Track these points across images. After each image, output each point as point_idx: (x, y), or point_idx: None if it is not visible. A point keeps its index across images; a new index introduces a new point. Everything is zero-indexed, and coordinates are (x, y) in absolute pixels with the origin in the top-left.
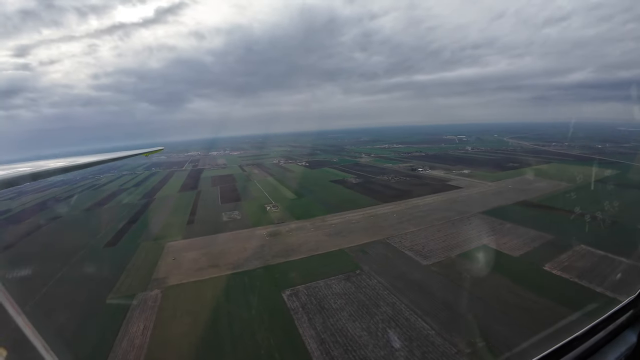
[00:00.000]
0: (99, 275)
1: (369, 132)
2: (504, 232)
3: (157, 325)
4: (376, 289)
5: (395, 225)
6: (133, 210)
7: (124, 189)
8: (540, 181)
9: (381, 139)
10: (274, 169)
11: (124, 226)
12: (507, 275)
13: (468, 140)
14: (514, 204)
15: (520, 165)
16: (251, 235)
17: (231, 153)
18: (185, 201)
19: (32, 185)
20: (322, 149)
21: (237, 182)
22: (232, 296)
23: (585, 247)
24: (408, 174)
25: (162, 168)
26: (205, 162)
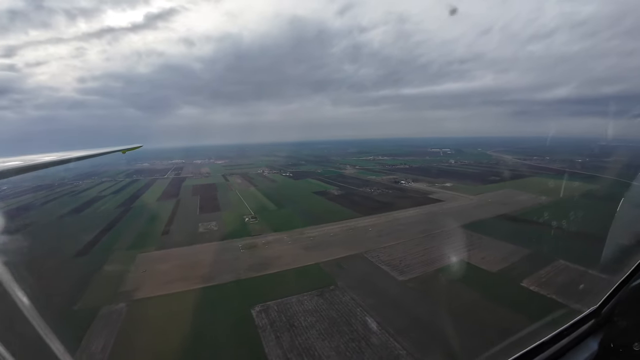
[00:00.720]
0: (64, 286)
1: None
2: (483, 246)
3: (117, 342)
4: (349, 305)
5: (374, 238)
6: (109, 219)
7: (102, 195)
8: (520, 195)
9: (367, 150)
10: (257, 179)
11: (98, 235)
12: (484, 292)
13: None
14: (494, 218)
15: (501, 179)
16: (226, 247)
17: (216, 162)
18: (163, 210)
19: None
20: (308, 160)
21: (219, 191)
22: (199, 312)
23: (564, 262)
24: (391, 186)
25: (143, 175)
26: (188, 170)
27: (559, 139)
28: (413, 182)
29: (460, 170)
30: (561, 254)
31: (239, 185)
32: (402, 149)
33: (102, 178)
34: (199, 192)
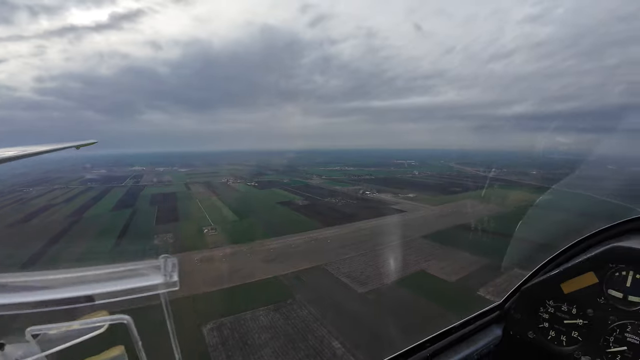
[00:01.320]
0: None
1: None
2: (443, 256)
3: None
4: (306, 320)
5: (335, 249)
6: (55, 231)
7: (52, 204)
8: (479, 205)
9: (335, 160)
10: (220, 188)
11: (41, 249)
12: (442, 302)
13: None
14: (454, 228)
15: (462, 190)
16: (181, 260)
17: (179, 170)
18: (117, 221)
19: None
20: (275, 169)
21: (179, 201)
22: (145, 332)
23: (519, 270)
24: (355, 196)
25: (100, 183)
26: (149, 178)
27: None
28: (377, 193)
29: (424, 181)
30: (516, 262)
31: (200, 195)
32: (369, 159)
33: (54, 185)
34: (157, 202)
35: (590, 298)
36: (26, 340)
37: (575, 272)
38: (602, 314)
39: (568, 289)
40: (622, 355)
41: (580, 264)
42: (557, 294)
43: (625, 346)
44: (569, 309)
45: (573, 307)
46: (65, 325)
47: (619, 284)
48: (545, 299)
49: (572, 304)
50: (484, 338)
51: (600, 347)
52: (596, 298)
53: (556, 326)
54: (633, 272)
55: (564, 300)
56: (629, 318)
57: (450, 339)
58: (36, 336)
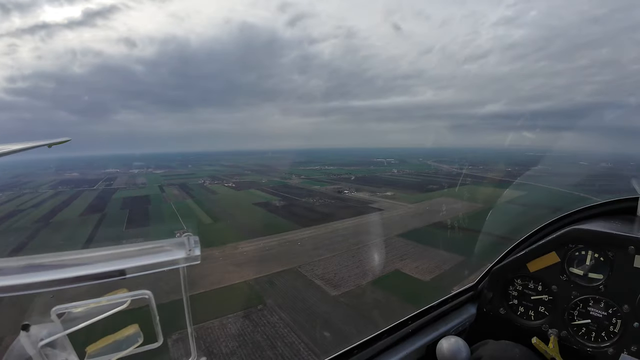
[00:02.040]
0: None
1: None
2: (418, 255)
3: None
4: (276, 326)
5: (310, 251)
6: (23, 236)
7: (20, 210)
8: (455, 202)
9: (315, 160)
10: (196, 190)
11: (7, 256)
12: (416, 302)
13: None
14: (430, 226)
15: (439, 187)
16: None
17: (154, 171)
18: (85, 226)
19: None
20: (254, 169)
21: (152, 204)
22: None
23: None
24: (334, 196)
25: (70, 187)
26: (122, 180)
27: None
28: (356, 192)
29: (402, 179)
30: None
31: (175, 197)
32: (349, 158)
33: (23, 190)
34: (129, 206)
35: (554, 275)
36: (51, 320)
37: (539, 253)
38: (565, 290)
39: (533, 267)
40: (587, 327)
41: (543, 245)
42: (524, 273)
43: (589, 319)
44: (535, 286)
45: (539, 284)
46: (89, 302)
47: (579, 263)
48: (513, 278)
49: (538, 281)
50: (460, 316)
51: (565, 320)
52: (559, 275)
53: (524, 302)
54: (592, 252)
55: (530, 278)
56: (590, 293)
57: (429, 317)
58: (61, 315)
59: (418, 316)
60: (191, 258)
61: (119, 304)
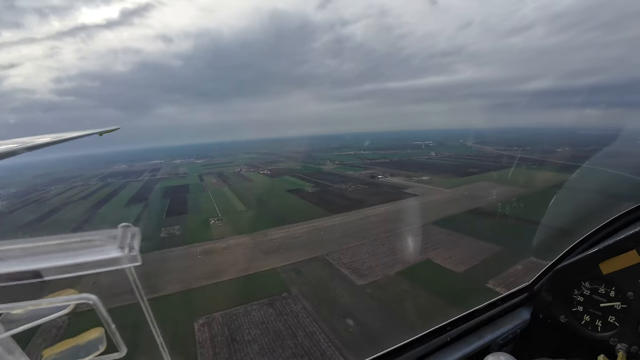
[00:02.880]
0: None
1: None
2: (451, 244)
3: None
4: (299, 315)
5: (338, 239)
6: (70, 226)
7: (70, 201)
8: (496, 187)
9: (350, 145)
10: (232, 178)
11: None
12: (446, 296)
13: (434, 145)
14: (467, 212)
15: (479, 171)
16: (183, 253)
17: (195, 161)
18: (128, 215)
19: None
20: (289, 156)
21: (191, 193)
22: (138, 328)
23: (535, 259)
24: (367, 181)
25: (118, 178)
26: (165, 171)
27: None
28: (390, 177)
29: (440, 162)
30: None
31: (212, 186)
32: (384, 142)
33: (74, 183)
34: (169, 195)
35: (632, 280)
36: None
37: (616, 251)
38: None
39: (607, 269)
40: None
41: (621, 242)
42: (594, 275)
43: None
44: (607, 291)
45: (611, 289)
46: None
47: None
48: (580, 279)
49: (611, 285)
50: (511, 321)
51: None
52: (638, 280)
53: (591, 310)
54: None
55: (601, 281)
56: None
57: (473, 322)
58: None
59: (462, 320)
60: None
61: (61, 308)
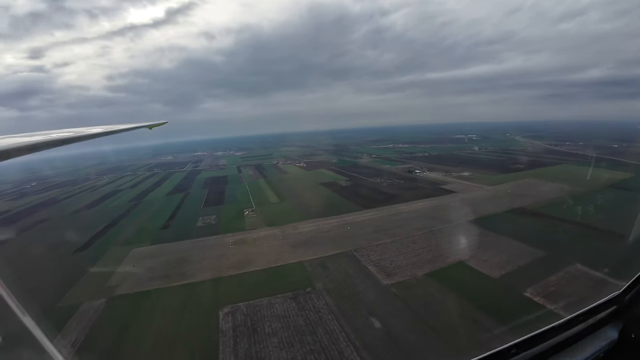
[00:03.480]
0: (56, 281)
1: (378, 131)
2: (489, 245)
3: (86, 339)
4: (321, 312)
5: (368, 235)
6: (117, 213)
7: (119, 190)
8: (544, 185)
9: (389, 138)
10: (269, 170)
11: (102, 230)
12: (477, 303)
13: (477, 139)
14: (508, 212)
15: (526, 167)
16: (217, 242)
17: (235, 153)
18: (170, 204)
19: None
20: (326, 149)
21: (229, 184)
22: (168, 311)
23: (582, 267)
24: (403, 176)
25: (163, 169)
26: (207, 162)
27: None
28: (428, 172)
29: (483, 157)
30: (579, 257)
31: (250, 177)
32: (424, 136)
33: (124, 172)
34: (209, 185)
35: None
36: None
37: None
38: None
39: None
40: None
41: None
42: None
43: None
44: None
45: None
46: None
47: None
48: None
49: None
50: (592, 343)
51: None
52: None
53: None
54: None
55: None
56: None
57: (544, 345)
58: None
59: (531, 342)
60: None
61: None
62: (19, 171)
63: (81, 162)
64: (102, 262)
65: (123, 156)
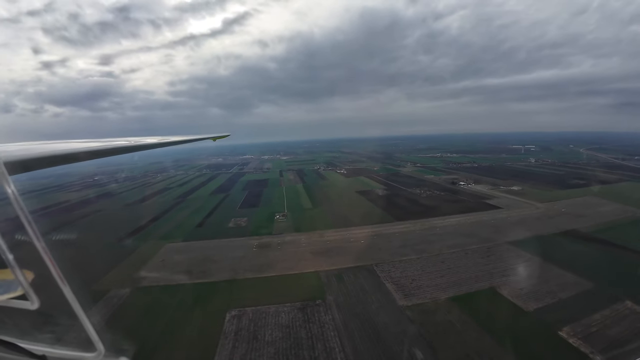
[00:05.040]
0: (94, 268)
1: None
2: (529, 272)
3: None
4: (325, 326)
5: (395, 249)
6: (162, 209)
7: (169, 187)
8: (605, 204)
9: (439, 147)
10: (309, 175)
11: (146, 223)
12: (502, 340)
13: (536, 150)
14: (558, 234)
15: (586, 183)
16: (242, 244)
17: (281, 157)
18: (209, 204)
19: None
20: (371, 156)
21: (267, 187)
22: (181, 307)
23: (632, 304)
24: (445, 187)
25: (212, 170)
26: (253, 165)
27: None
28: (474, 184)
29: (538, 170)
30: (633, 293)
31: (288, 182)
32: (478, 145)
33: (177, 172)
34: (249, 188)
35: None
36: None
37: None
38: None
39: None
40: None
41: None
42: None
43: None
44: None
45: None
46: None
47: None
48: None
49: None
50: None
51: None
52: None
53: None
54: None
55: None
56: None
57: None
58: None
59: None
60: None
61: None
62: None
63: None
64: (138, 253)
65: (181, 156)
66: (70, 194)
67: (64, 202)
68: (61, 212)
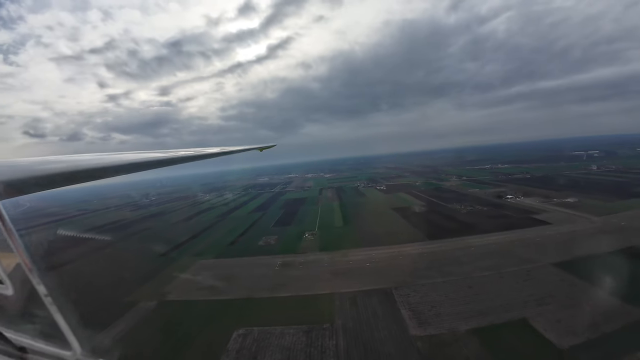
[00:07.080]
0: (132, 279)
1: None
2: (571, 300)
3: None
4: (326, 353)
5: (419, 270)
6: (202, 227)
7: (213, 207)
8: None
9: (488, 158)
10: (348, 193)
11: (186, 240)
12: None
13: (599, 156)
14: (613, 253)
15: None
16: (266, 263)
17: (325, 175)
18: (246, 222)
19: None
20: (414, 171)
21: (304, 205)
22: (192, 324)
23: None
24: (489, 202)
25: (256, 189)
26: (295, 184)
27: None
28: (523, 197)
29: (599, 179)
30: None
31: (326, 200)
32: (534, 153)
33: (223, 192)
34: (286, 206)
35: None
36: None
37: None
38: None
39: None
40: None
41: None
42: None
43: None
44: None
45: None
46: None
47: None
48: None
49: None
50: None
51: None
52: None
53: None
54: None
55: None
56: None
57: None
58: None
59: None
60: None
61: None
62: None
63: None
64: (171, 269)
65: (230, 177)
66: (123, 213)
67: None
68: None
